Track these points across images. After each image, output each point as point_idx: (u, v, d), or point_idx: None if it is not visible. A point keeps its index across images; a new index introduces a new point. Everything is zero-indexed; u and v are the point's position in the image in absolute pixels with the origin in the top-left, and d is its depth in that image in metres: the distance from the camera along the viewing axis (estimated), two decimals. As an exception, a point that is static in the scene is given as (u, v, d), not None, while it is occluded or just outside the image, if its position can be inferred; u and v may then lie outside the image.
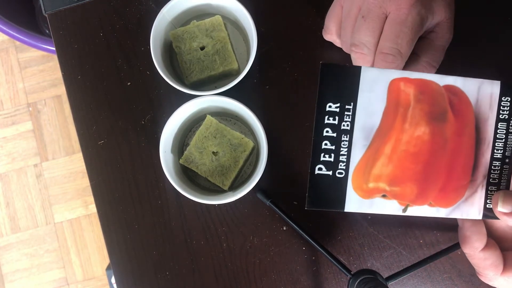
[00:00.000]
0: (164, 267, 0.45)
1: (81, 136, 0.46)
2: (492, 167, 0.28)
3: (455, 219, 0.31)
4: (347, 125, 0.26)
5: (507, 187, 0.28)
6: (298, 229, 0.42)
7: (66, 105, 1.27)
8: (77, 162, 1.26)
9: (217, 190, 0.44)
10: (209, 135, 0.42)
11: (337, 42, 0.41)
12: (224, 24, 0.44)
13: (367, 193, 0.27)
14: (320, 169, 0.26)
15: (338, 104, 0.26)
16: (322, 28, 0.43)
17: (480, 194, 0.28)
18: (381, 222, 0.44)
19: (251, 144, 0.42)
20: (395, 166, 0.27)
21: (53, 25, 0.47)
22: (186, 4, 0.43)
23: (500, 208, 0.27)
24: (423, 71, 0.34)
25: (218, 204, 0.45)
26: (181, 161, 0.42)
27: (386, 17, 0.33)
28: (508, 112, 0.28)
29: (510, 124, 0.28)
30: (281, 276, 0.44)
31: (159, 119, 0.46)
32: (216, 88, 0.42)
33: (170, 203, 0.45)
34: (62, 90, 1.28)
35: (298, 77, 0.45)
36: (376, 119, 0.26)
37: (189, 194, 0.40)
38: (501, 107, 0.27)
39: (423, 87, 0.26)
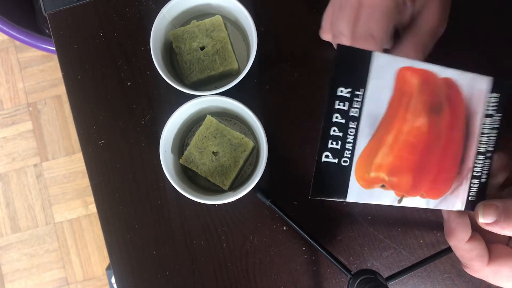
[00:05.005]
0: (164, 267, 0.45)
1: (81, 136, 0.46)
2: (476, 161, 0.29)
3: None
4: (356, 111, 0.26)
5: (487, 180, 0.29)
6: (298, 229, 0.42)
7: (66, 105, 1.27)
8: (77, 162, 1.26)
9: (217, 190, 0.44)
10: (209, 135, 0.42)
11: None
12: (224, 24, 0.44)
13: (368, 183, 0.27)
14: (327, 156, 0.26)
15: (350, 90, 0.25)
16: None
17: (465, 187, 0.29)
18: (381, 222, 0.44)
19: (251, 144, 0.42)
20: (395, 156, 0.27)
21: (53, 25, 0.47)
22: (186, 4, 0.43)
23: (481, 220, 0.27)
24: (408, 55, 0.34)
25: (218, 204, 0.45)
26: (181, 161, 0.42)
27: None
28: (495, 108, 0.28)
29: (495, 119, 0.28)
30: (281, 276, 0.44)
31: (159, 119, 0.46)
32: (216, 88, 0.42)
33: (170, 203, 0.45)
34: (62, 90, 1.28)
35: (298, 77, 0.45)
36: (382, 108, 0.26)
37: (189, 194, 0.40)
38: (488, 103, 0.28)
39: (426, 77, 0.26)
